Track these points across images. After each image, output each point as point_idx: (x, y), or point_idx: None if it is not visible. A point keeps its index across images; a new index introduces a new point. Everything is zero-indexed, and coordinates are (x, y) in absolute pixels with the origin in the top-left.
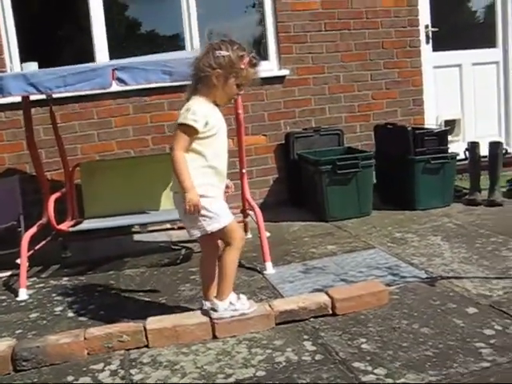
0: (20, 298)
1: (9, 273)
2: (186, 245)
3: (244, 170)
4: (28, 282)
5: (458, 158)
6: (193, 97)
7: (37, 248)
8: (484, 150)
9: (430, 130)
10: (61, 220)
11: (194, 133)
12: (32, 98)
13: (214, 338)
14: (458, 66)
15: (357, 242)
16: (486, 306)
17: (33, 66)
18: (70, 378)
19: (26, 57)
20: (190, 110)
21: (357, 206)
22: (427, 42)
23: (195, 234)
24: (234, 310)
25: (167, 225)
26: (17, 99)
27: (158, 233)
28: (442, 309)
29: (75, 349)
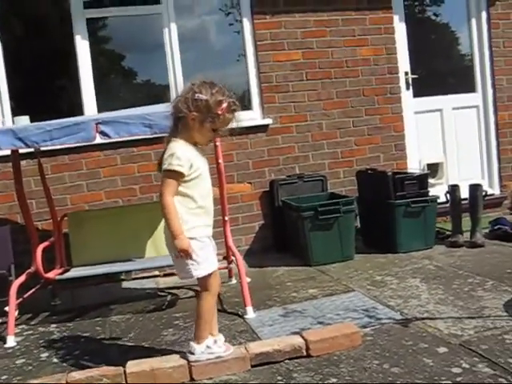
0: (8, 345)
1: None
2: (172, 291)
3: (226, 218)
4: (17, 329)
5: (439, 200)
6: (173, 139)
7: (25, 296)
8: (465, 193)
9: (410, 174)
10: (50, 268)
11: (180, 177)
12: (22, 150)
13: (192, 380)
14: (438, 110)
15: (337, 285)
16: (456, 346)
17: (24, 120)
18: None
19: (18, 110)
20: (174, 156)
21: (339, 250)
22: (407, 89)
23: (183, 277)
24: (211, 353)
25: (155, 271)
26: (7, 152)
27: (145, 280)
28: (414, 349)
29: None
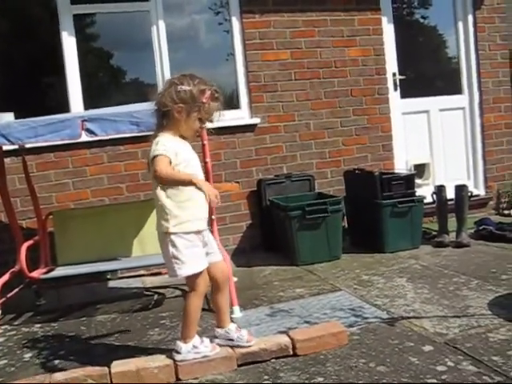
0: None
1: None
2: (158, 290)
3: (213, 217)
4: (0, 330)
5: (426, 201)
6: (159, 134)
7: (9, 296)
8: (451, 193)
9: (397, 174)
10: (35, 267)
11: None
12: (7, 147)
13: (178, 379)
14: (425, 112)
15: (324, 284)
16: (441, 344)
17: (8, 117)
18: None
19: (3, 106)
20: (158, 143)
21: (327, 249)
22: (395, 90)
23: (170, 275)
24: (197, 352)
25: (141, 271)
26: None
27: (132, 279)
28: (400, 347)
29: None
